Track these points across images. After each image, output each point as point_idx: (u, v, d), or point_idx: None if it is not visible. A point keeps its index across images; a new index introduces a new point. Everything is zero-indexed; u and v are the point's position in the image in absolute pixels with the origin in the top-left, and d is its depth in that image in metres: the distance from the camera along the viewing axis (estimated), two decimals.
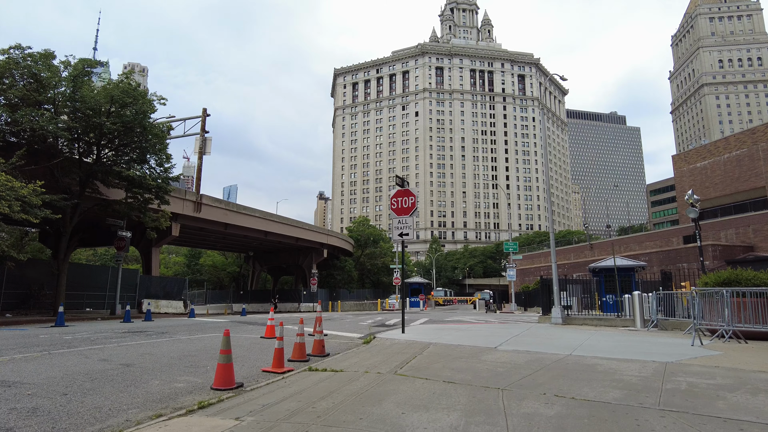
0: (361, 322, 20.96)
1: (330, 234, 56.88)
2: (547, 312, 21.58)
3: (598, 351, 9.09)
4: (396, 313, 35.86)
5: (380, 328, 16.92)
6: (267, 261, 60.82)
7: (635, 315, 16.90)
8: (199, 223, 38.24)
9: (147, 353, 9.82)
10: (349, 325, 18.79)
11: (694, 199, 20.57)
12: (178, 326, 17.53)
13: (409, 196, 13.55)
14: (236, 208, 41.13)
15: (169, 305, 34.97)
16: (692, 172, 52.96)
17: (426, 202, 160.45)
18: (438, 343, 10.63)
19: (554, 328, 16.09)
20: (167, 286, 35.62)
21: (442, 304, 69.13)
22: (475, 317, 27.60)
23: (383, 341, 11.28)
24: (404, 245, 13.95)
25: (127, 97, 24.11)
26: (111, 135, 25.12)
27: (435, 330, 14.82)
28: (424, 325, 18.58)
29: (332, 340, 12.68)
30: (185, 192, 35.73)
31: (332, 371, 7.25)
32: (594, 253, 60.97)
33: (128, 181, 25.12)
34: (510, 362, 7.73)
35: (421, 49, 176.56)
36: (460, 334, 13.00)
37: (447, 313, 34.51)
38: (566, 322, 18.86)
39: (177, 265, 69.10)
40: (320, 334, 9.87)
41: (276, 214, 46.71)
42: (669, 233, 51.02)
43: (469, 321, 22.72)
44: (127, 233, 27.40)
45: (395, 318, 25.69)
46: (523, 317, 28.42)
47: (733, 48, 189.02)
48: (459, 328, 15.64)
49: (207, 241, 49.12)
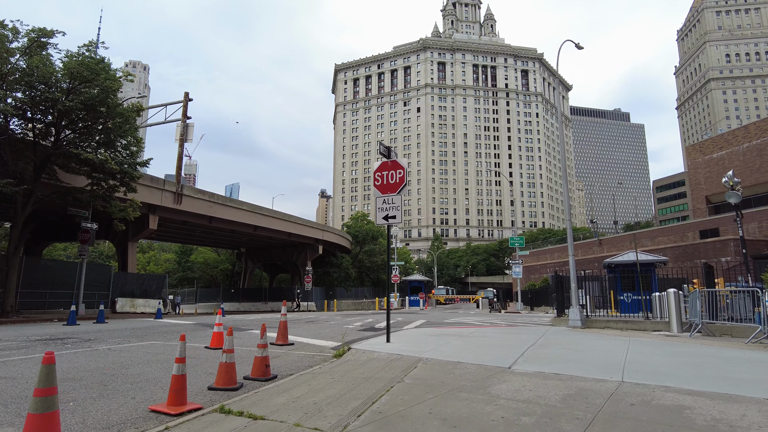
0: (349, 324, 18.17)
1: (325, 229, 54.08)
2: (562, 312, 18.76)
3: (660, 375, 6.27)
4: (394, 312, 33.10)
5: (366, 333, 14.14)
6: (260, 258, 58.09)
7: (671, 317, 14.07)
8: (181, 216, 35.50)
9: (7, 377, 7.05)
10: (331, 329, 16.00)
11: (734, 182, 17.63)
12: (124, 330, 14.78)
13: (396, 170, 10.72)
14: (221, 200, 38.35)
15: (146, 304, 32.23)
16: (708, 163, 49.97)
17: (428, 199, 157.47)
18: (430, 359, 7.81)
19: (575, 333, 13.29)
20: (145, 284, 32.86)
21: (444, 303, 66.31)
22: (479, 318, 24.78)
23: (358, 356, 8.50)
24: (390, 232, 11.17)
25: (87, 71, 21.35)
26: (72, 115, 22.41)
27: (430, 336, 12.01)
28: (419, 329, 15.78)
29: (298, 351, 9.91)
30: (164, 182, 32.96)
31: (249, 417, 4.47)
32: (603, 249, 58.10)
33: (88, 166, 22.35)
34: (538, 400, 4.92)
35: (423, 44, 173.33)
36: (460, 343, 10.21)
37: (447, 314, 31.68)
38: (586, 325, 16.04)
39: (168, 263, 66.45)
40: (265, 349, 7.05)
41: (266, 208, 43.90)
42: (684, 228, 48.06)
43: (471, 323, 19.92)
44: (92, 225, 24.66)
45: (397, 317, 22.96)
46: (533, 318, 25.59)
47: (741, 42, 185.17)
48: (460, 334, 12.84)
49: (193, 236, 46.34)
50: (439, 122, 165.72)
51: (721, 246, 39.07)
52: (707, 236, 44.07)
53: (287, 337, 10.84)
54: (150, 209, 32.41)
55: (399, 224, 10.43)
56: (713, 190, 49.09)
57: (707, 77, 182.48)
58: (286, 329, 10.82)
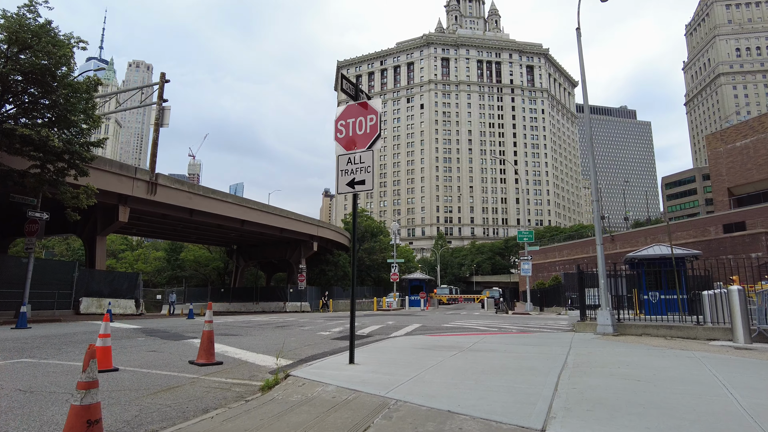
0: (326, 330, 14.97)
1: (320, 225, 50.86)
2: (585, 315, 15.48)
3: None
4: (390, 315, 29.94)
5: (339, 343, 10.93)
6: (252, 255, 54.98)
7: (735, 323, 10.78)
8: (157, 208, 32.40)
9: None
10: (299, 337, 12.79)
11: None
12: (29, 340, 11.61)
13: (367, 116, 7.48)
14: (203, 191, 35.20)
15: (116, 305, 29.13)
16: (731, 152, 46.44)
17: (432, 197, 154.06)
18: (403, 403, 4.58)
19: (612, 344, 10.04)
20: (115, 282, 29.73)
21: (446, 303, 62.99)
22: (484, 321, 21.51)
23: (293, 390, 5.30)
24: (357, 203, 8.02)
25: (27, 33, 18.25)
26: (12, 86, 19.35)
27: (418, 351, 8.78)
28: (409, 337, 12.52)
29: (217, 377, 6.70)
30: (135, 170, 29.85)
31: None
32: (616, 245, 54.78)
33: (30, 144, 19.24)
34: None
35: (427, 40, 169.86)
36: (457, 365, 6.99)
37: (449, 315, 28.39)
38: (619, 332, 12.77)
39: (158, 261, 63.42)
40: (87, 393, 3.81)
41: (254, 201, 40.72)
42: (705, 222, 44.58)
43: (475, 328, 16.67)
44: (42, 214, 21.53)
45: (388, 321, 19.76)
46: (546, 320, 22.28)
47: (751, 36, 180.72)
48: (459, 345, 9.61)
49: (177, 231, 43.19)
50: (443, 119, 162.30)
51: (751, 240, 35.66)
52: (732, 230, 40.63)
53: (213, 354, 7.64)
54: (120, 200, 29.33)
55: (369, 190, 7.22)
56: (736, 182, 45.58)
57: (717, 72, 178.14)
58: (211, 343, 7.62)
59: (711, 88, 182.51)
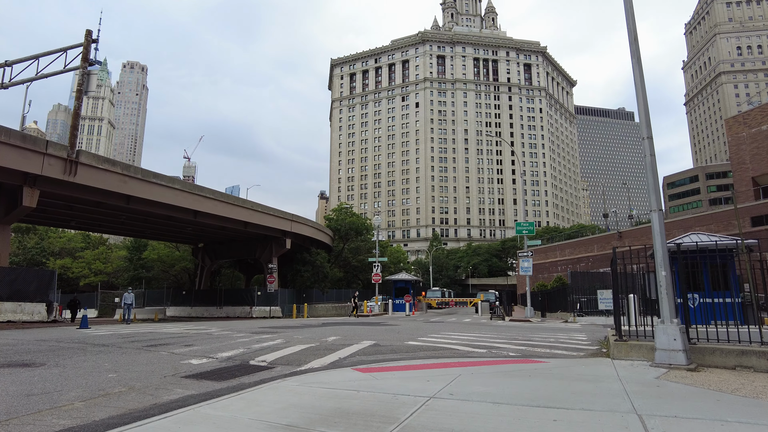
0: (204, 357, 9.43)
1: (294, 220, 45.20)
2: (622, 330, 9.86)
3: None
4: (358, 324, 24.42)
5: (165, 396, 5.32)
6: (219, 254, 49.29)
7: None
8: (83, 192, 26.74)
9: None
10: (133, 371, 7.22)
11: None
12: None
13: None
14: (142, 174, 29.47)
15: (20, 310, 23.50)
16: (755, 137, 41.05)
17: (427, 197, 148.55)
18: None
19: (721, 401, 4.58)
20: (18, 282, 24.01)
21: (436, 307, 57.24)
22: (472, 334, 15.96)
23: None
24: None
25: None
26: None
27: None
28: (315, 375, 6.98)
29: None
30: (46, 143, 24.19)
31: None
32: (624, 243, 49.23)
33: None
34: None
35: (422, 37, 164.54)
36: None
37: (431, 324, 22.75)
38: (697, 362, 7.31)
39: (120, 260, 57.77)
40: None
41: (209, 189, 35.03)
42: (729, 215, 39.23)
43: (454, 348, 11.15)
44: None
45: (333, 336, 14.30)
46: (555, 332, 16.72)
47: (752, 34, 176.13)
48: (383, 422, 4.06)
49: (121, 223, 37.32)
50: (438, 118, 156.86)
51: None
52: (762, 223, 35.30)
53: None
54: (26, 179, 23.73)
55: None
56: (763, 170, 40.21)
57: (717, 71, 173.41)
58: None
59: (711, 87, 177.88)
